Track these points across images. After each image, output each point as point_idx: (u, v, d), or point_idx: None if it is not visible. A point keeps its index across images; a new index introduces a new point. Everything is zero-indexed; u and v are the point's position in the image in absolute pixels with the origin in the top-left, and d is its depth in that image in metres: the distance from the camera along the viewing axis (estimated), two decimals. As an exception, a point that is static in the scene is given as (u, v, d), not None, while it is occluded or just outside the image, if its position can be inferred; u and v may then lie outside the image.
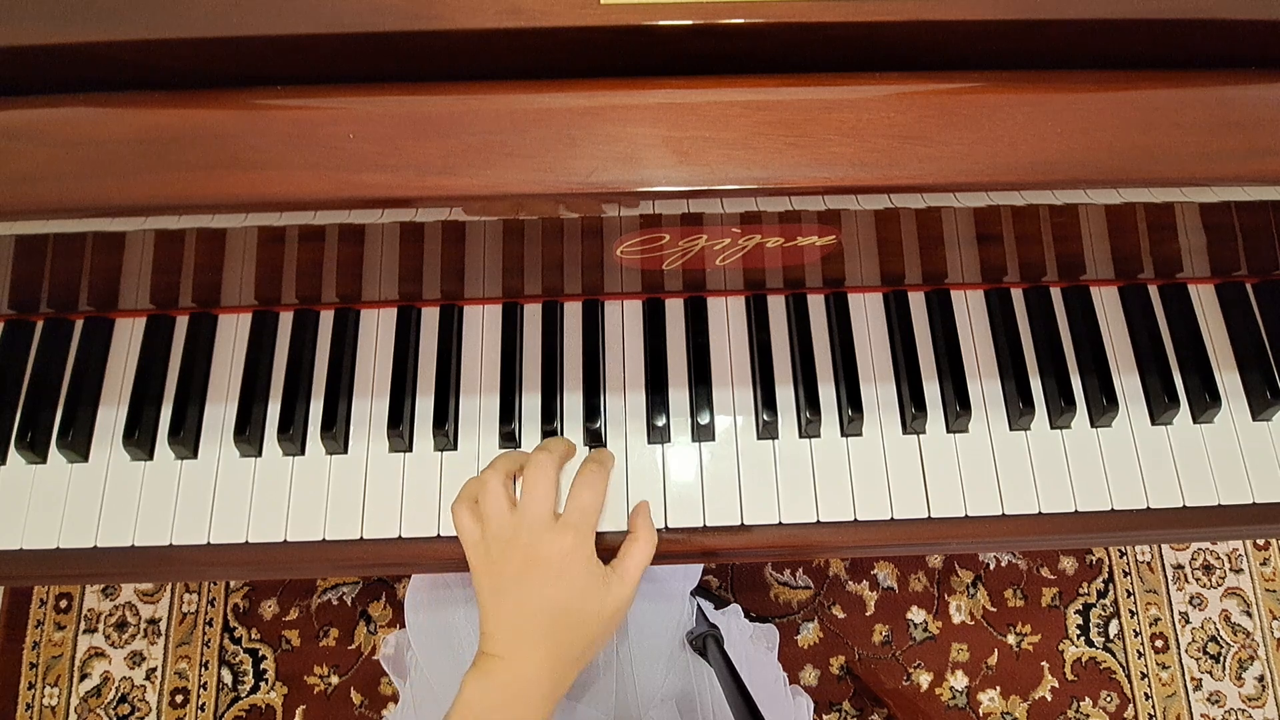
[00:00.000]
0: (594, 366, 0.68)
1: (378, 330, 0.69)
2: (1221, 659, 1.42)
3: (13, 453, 0.66)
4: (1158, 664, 1.41)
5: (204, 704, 1.36)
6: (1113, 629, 1.42)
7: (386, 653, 0.85)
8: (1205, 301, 0.71)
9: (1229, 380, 0.69)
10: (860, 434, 0.66)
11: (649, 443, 0.66)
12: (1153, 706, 1.40)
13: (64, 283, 0.65)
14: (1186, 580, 1.46)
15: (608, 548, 0.60)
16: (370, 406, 0.67)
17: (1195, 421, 0.67)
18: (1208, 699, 1.40)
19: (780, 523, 0.64)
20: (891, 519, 0.64)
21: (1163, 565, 1.46)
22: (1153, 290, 0.71)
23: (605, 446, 0.66)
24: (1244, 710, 1.40)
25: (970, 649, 1.41)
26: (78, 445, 0.65)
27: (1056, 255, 0.67)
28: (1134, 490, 0.65)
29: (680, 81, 0.50)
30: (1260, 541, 1.48)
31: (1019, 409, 0.66)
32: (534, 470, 0.57)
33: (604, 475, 0.60)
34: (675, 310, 0.70)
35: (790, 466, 0.65)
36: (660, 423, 0.65)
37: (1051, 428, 0.67)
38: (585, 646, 0.57)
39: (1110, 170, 0.48)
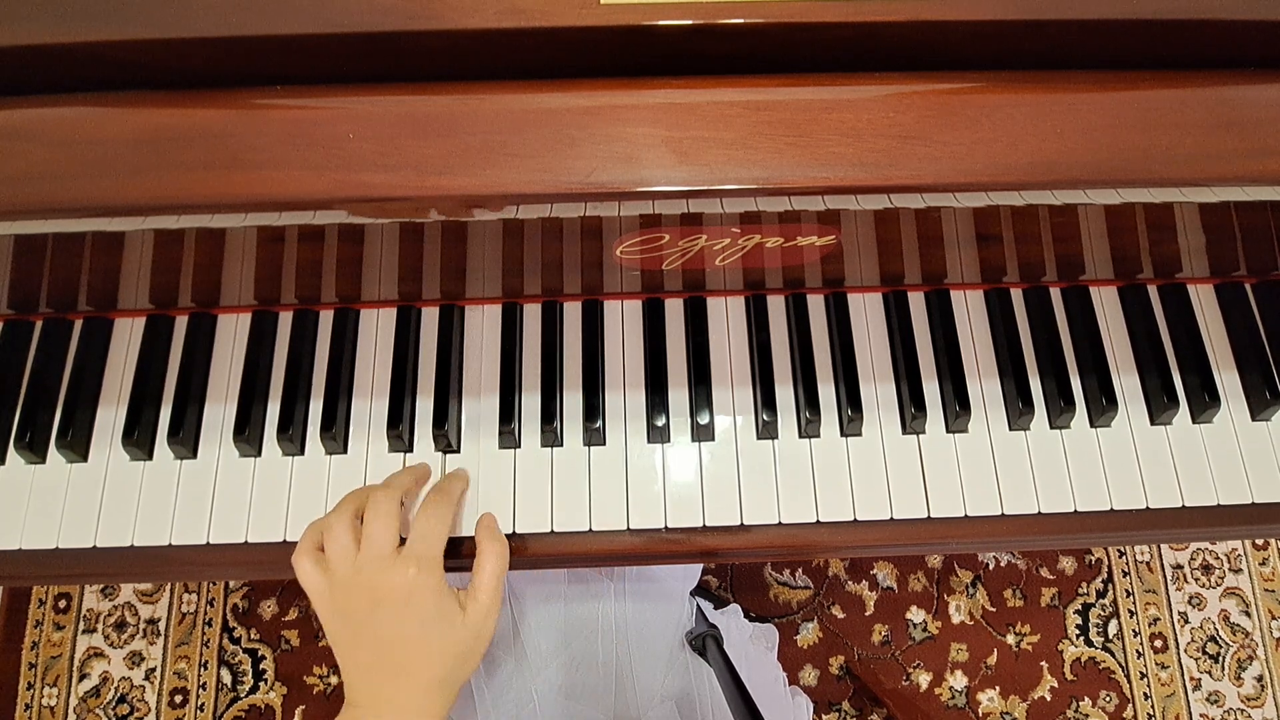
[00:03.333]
0: (594, 366, 0.67)
1: (377, 330, 0.69)
2: (1220, 659, 1.42)
3: (12, 453, 0.66)
4: (1157, 664, 1.42)
5: (203, 704, 1.36)
6: (1112, 629, 1.43)
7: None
8: (1205, 302, 0.71)
9: (1228, 380, 0.69)
10: (860, 434, 0.66)
11: (649, 442, 0.66)
12: (1152, 706, 1.40)
13: (63, 282, 0.65)
14: (1185, 580, 1.46)
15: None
16: (370, 407, 0.67)
17: (1194, 422, 0.67)
18: (1207, 699, 1.40)
19: (780, 523, 0.64)
20: (891, 519, 0.64)
21: (1162, 565, 1.46)
22: (1152, 290, 0.71)
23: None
24: (1243, 710, 1.40)
25: (969, 649, 1.41)
26: (77, 445, 0.65)
27: (1056, 255, 0.67)
28: (1133, 490, 0.65)
29: (680, 81, 0.50)
30: (1259, 541, 1.48)
31: (1018, 409, 0.66)
32: (371, 509, 0.56)
33: (447, 502, 0.59)
34: (675, 310, 0.70)
35: (790, 466, 0.65)
36: (660, 423, 0.65)
37: (1051, 428, 0.67)
38: (451, 669, 0.56)
39: (1110, 170, 0.48)
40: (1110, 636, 1.42)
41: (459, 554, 0.62)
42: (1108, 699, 1.40)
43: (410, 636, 0.54)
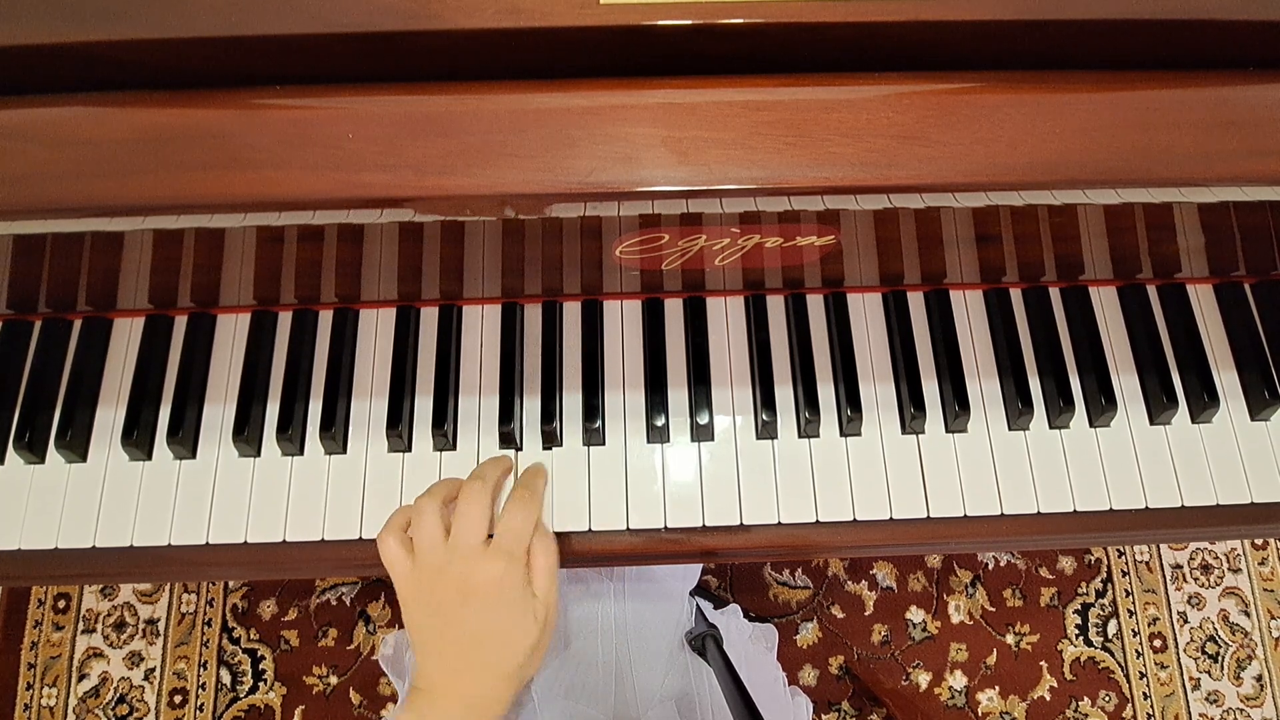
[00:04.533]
0: (593, 366, 0.67)
1: (377, 330, 0.69)
2: (1220, 658, 1.42)
3: (11, 453, 0.66)
4: (1156, 663, 1.42)
5: (203, 704, 1.36)
6: (1111, 629, 1.43)
7: (385, 653, 0.85)
8: (1204, 302, 0.71)
9: (1227, 380, 0.69)
10: (859, 434, 0.66)
11: (648, 442, 0.66)
12: (1151, 706, 1.40)
13: (62, 282, 0.65)
14: (1185, 580, 1.46)
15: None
16: (369, 406, 0.67)
17: (1194, 421, 0.67)
18: (1206, 698, 1.41)
19: (779, 523, 0.64)
20: (890, 519, 0.64)
21: (1161, 565, 1.46)
22: (1151, 290, 0.72)
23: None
24: (1242, 710, 1.40)
25: (969, 649, 1.41)
26: (76, 445, 0.65)
27: (1055, 255, 0.67)
28: (1132, 490, 0.65)
29: (680, 81, 0.50)
30: (1258, 541, 1.48)
31: (1018, 409, 0.66)
32: (467, 498, 0.56)
33: (535, 499, 0.59)
34: (674, 310, 0.70)
35: (789, 466, 0.65)
36: (659, 423, 0.65)
37: (1050, 428, 0.67)
38: (526, 662, 0.56)
39: (1109, 170, 0.48)
40: (1109, 636, 1.42)
41: None
42: (1107, 699, 1.40)
43: (495, 632, 0.55)
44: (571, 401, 0.67)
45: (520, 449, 0.66)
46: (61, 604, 1.40)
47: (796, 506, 0.64)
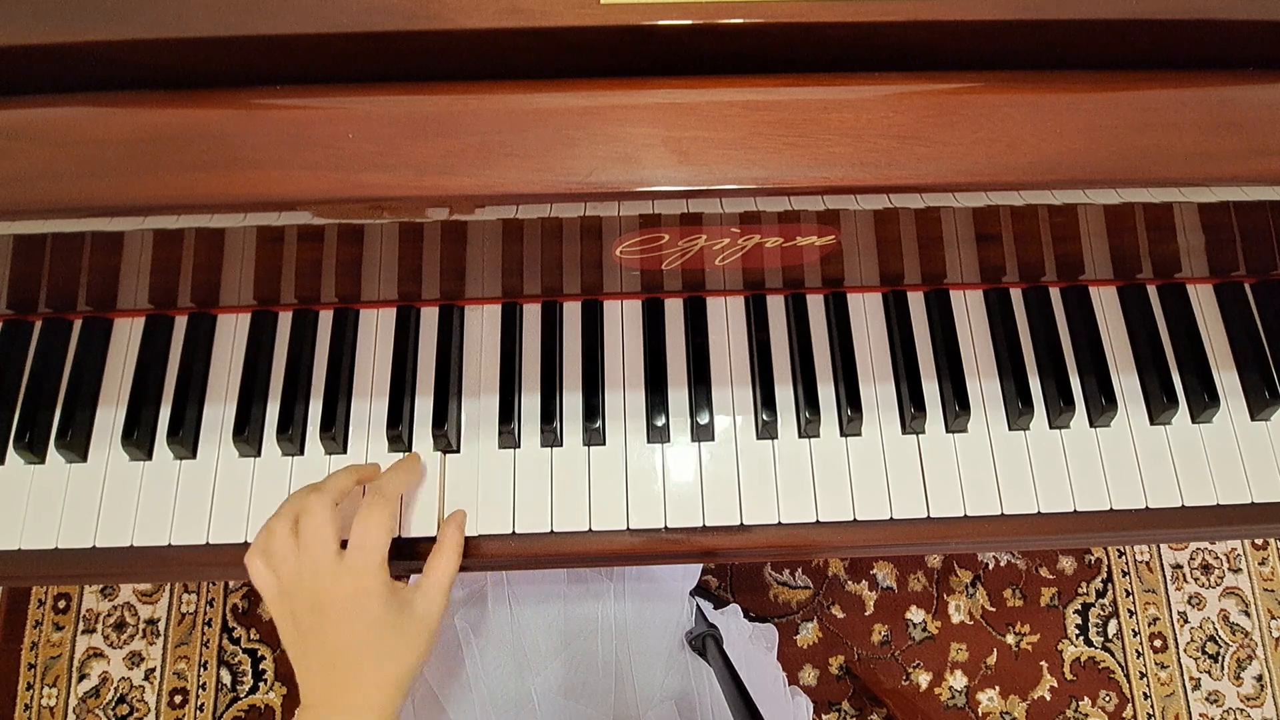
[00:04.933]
0: (593, 366, 0.67)
1: (377, 330, 0.69)
2: (1220, 658, 1.42)
3: (11, 453, 0.66)
4: (1156, 663, 1.42)
5: (203, 704, 1.36)
6: (1111, 629, 1.43)
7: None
8: (1204, 301, 0.71)
9: (1227, 380, 0.69)
10: (859, 434, 0.66)
11: (648, 442, 0.66)
12: (1151, 706, 1.40)
13: (62, 282, 0.65)
14: (1185, 580, 1.46)
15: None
16: (369, 407, 0.67)
17: (1194, 421, 0.67)
18: (1206, 698, 1.41)
19: (779, 523, 0.64)
20: (891, 519, 0.64)
21: (1161, 565, 1.46)
22: (1151, 290, 0.72)
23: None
24: (1242, 710, 1.40)
25: (969, 649, 1.41)
26: (76, 445, 0.65)
27: (1055, 255, 0.67)
28: (1133, 490, 0.65)
29: (680, 81, 0.50)
30: (1258, 541, 1.48)
31: (1018, 409, 0.66)
32: (305, 517, 0.55)
33: (384, 504, 0.58)
34: (675, 310, 0.70)
35: (789, 466, 0.65)
36: (660, 423, 0.65)
37: (1050, 428, 0.67)
38: (405, 670, 0.56)
39: (1109, 170, 0.48)
40: (1110, 636, 1.42)
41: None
42: (1107, 699, 1.40)
43: (358, 642, 0.54)
44: (571, 401, 0.67)
45: (520, 448, 0.66)
46: (61, 604, 1.40)
47: (796, 506, 0.64)
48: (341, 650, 0.54)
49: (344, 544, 0.56)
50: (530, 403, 0.67)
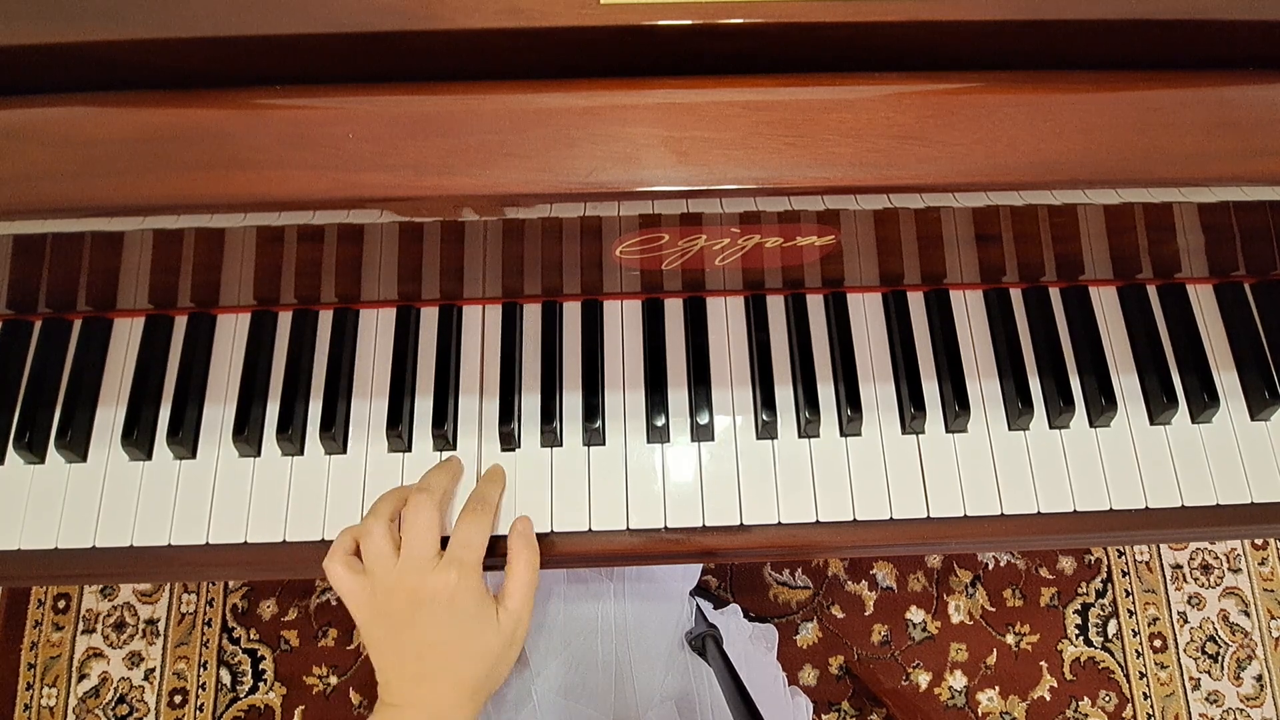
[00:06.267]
0: (593, 366, 0.67)
1: (377, 330, 0.69)
2: (1220, 658, 1.42)
3: (11, 453, 0.66)
4: (1156, 663, 1.42)
5: (202, 704, 1.36)
6: (1111, 629, 1.43)
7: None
8: (1204, 302, 0.71)
9: (1227, 380, 0.69)
10: (859, 434, 0.66)
11: (648, 442, 0.66)
12: (1151, 706, 1.40)
13: (62, 282, 0.65)
14: (1185, 580, 1.46)
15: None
16: (369, 407, 0.67)
17: (1194, 421, 0.67)
18: (1206, 698, 1.41)
19: (779, 523, 0.64)
20: (890, 519, 0.64)
21: (1161, 565, 1.46)
22: (1151, 290, 0.72)
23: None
24: (1242, 710, 1.40)
25: (969, 649, 1.41)
26: (76, 445, 0.65)
27: (1055, 255, 0.67)
28: (1132, 490, 0.65)
29: (679, 81, 0.50)
30: (1258, 541, 1.48)
31: (1018, 409, 0.66)
32: (412, 511, 0.56)
33: (488, 510, 0.60)
34: (674, 310, 0.70)
35: (789, 466, 0.65)
36: (659, 423, 0.65)
37: (1050, 428, 0.67)
38: (486, 675, 0.56)
39: (1109, 170, 0.48)
40: (1109, 636, 1.42)
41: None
42: (1107, 699, 1.40)
43: (450, 639, 0.55)
44: (571, 401, 0.67)
45: (520, 448, 0.66)
46: (61, 604, 1.40)
47: (796, 506, 0.64)
48: (433, 646, 0.55)
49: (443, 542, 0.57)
50: (530, 403, 0.67)
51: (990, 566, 1.45)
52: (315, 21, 0.48)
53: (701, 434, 0.66)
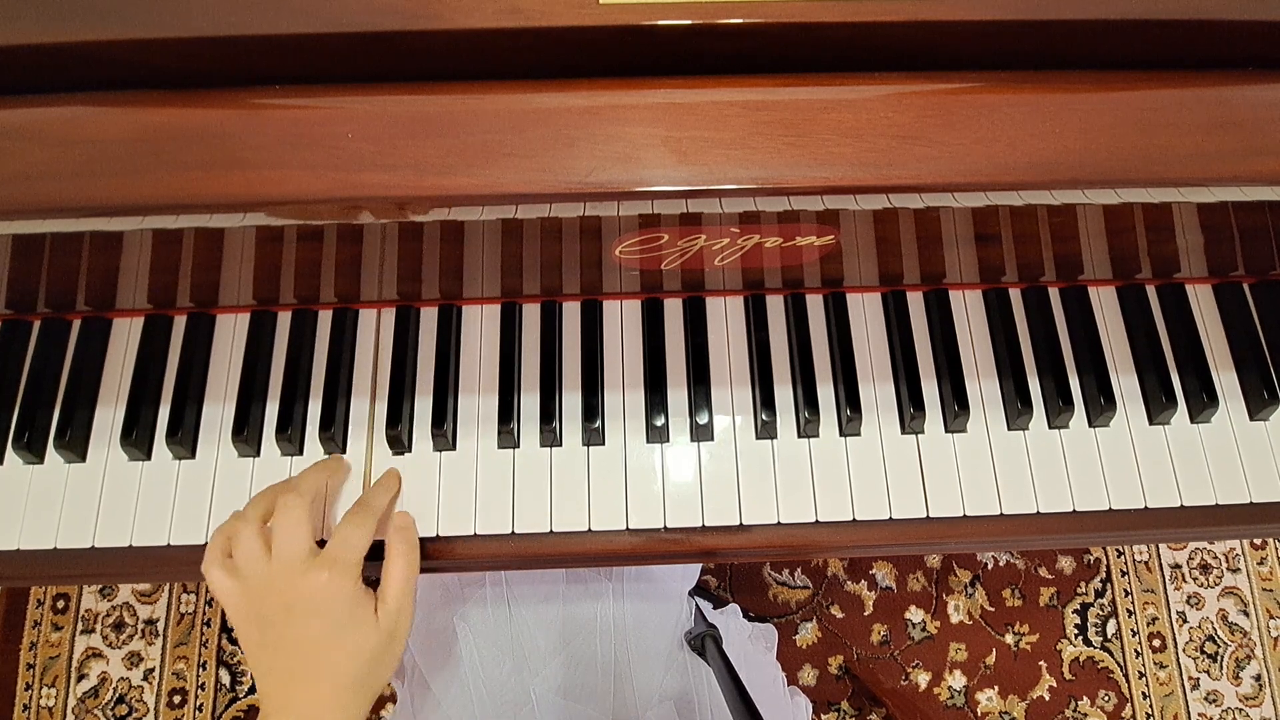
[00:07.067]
0: (593, 366, 0.67)
1: (377, 330, 0.69)
2: (1219, 658, 1.42)
3: (10, 453, 0.66)
4: (1155, 663, 1.42)
5: (202, 704, 1.36)
6: (1110, 628, 1.43)
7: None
8: (1203, 302, 0.72)
9: (1226, 380, 0.69)
10: (859, 434, 0.67)
11: (648, 442, 0.66)
12: (1150, 706, 1.40)
13: (61, 282, 0.65)
14: (1184, 580, 1.46)
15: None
16: (369, 407, 0.67)
17: (1193, 421, 0.67)
18: (1205, 698, 1.41)
19: (779, 523, 0.64)
20: (890, 519, 0.64)
21: (1160, 565, 1.46)
22: (1151, 290, 0.72)
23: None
24: (1241, 709, 1.40)
25: (968, 648, 1.41)
26: (75, 445, 0.65)
27: (1055, 255, 0.67)
28: (1131, 490, 0.65)
29: (679, 81, 0.50)
30: (1257, 541, 1.48)
31: (1017, 409, 0.66)
32: (281, 514, 0.55)
33: (371, 513, 0.59)
34: (674, 310, 0.70)
35: (789, 466, 0.65)
36: (659, 422, 0.65)
37: (1049, 428, 0.67)
38: (367, 673, 0.55)
39: (1108, 170, 0.48)
40: (1109, 636, 1.42)
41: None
42: (1106, 698, 1.40)
43: (322, 640, 0.54)
44: (571, 401, 0.67)
45: (519, 448, 0.66)
46: (61, 604, 1.40)
47: (796, 506, 0.64)
48: (305, 648, 0.54)
49: (320, 544, 0.56)
50: (529, 402, 0.67)
51: (989, 566, 1.45)
52: (315, 21, 0.48)
53: (701, 434, 0.66)
